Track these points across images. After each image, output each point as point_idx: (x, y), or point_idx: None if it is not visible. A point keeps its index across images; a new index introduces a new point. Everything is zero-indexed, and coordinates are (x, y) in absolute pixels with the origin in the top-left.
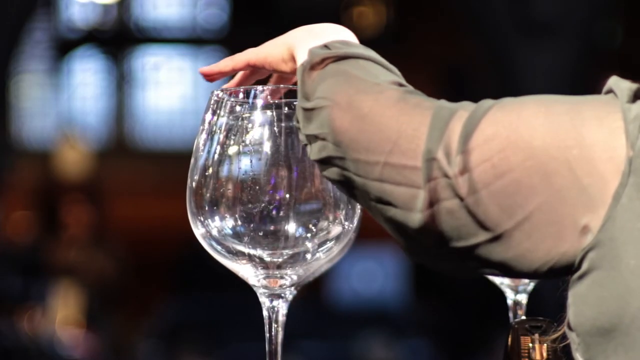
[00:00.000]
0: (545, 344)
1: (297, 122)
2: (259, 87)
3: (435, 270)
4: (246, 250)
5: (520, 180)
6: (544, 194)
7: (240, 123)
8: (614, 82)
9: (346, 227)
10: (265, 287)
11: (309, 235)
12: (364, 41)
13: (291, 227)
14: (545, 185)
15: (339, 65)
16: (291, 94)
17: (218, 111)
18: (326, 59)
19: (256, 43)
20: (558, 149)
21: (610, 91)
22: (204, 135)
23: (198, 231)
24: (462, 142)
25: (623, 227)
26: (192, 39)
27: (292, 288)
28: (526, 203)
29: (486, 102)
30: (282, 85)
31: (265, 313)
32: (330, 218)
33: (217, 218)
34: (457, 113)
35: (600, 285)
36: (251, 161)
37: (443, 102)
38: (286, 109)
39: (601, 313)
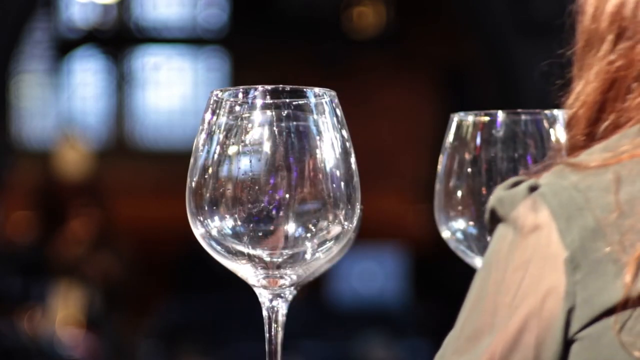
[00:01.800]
0: None
1: None
2: (259, 87)
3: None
4: (246, 250)
5: None
6: None
7: (239, 123)
8: (501, 195)
9: (346, 227)
10: (265, 287)
11: (308, 235)
12: (364, 41)
13: (291, 227)
14: None
15: None
16: (291, 93)
17: (217, 111)
18: None
19: (256, 43)
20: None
21: (493, 209)
22: (203, 135)
23: (198, 231)
24: None
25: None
26: (192, 39)
27: (292, 288)
28: None
29: None
30: (281, 86)
31: (265, 313)
32: (330, 218)
33: (216, 218)
34: None
35: None
36: (251, 161)
37: None
38: (286, 109)
39: None
